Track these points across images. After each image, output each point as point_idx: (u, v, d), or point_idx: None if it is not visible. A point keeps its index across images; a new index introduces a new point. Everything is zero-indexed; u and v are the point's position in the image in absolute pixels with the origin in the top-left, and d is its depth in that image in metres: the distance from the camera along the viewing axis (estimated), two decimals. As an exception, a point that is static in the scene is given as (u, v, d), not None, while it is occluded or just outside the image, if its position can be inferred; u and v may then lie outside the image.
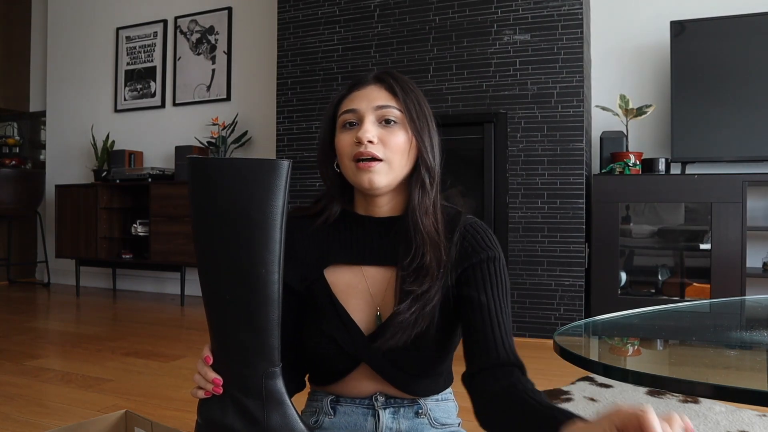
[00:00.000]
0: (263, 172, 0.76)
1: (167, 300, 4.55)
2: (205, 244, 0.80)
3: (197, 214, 0.80)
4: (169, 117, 4.92)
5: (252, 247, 0.77)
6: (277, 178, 0.77)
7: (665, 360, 1.17)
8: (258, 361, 0.81)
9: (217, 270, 0.80)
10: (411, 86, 0.99)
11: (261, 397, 0.81)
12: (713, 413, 1.95)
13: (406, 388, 0.99)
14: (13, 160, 5.54)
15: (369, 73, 1.00)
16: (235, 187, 0.76)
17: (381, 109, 0.95)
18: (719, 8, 3.25)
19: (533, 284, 3.18)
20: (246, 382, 0.82)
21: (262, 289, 0.79)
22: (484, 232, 0.99)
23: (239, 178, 0.76)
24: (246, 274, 0.78)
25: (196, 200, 0.79)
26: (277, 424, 0.82)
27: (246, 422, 0.82)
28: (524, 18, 3.25)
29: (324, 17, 3.74)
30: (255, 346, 0.80)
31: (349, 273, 1.00)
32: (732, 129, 3.09)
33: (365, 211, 1.01)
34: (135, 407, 1.98)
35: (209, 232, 0.79)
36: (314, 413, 1.05)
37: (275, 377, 0.82)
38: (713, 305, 2.11)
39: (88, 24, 5.33)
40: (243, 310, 0.80)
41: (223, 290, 0.80)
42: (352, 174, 0.95)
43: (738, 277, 2.91)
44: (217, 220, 0.78)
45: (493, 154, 3.26)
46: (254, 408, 0.82)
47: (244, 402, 0.82)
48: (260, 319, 0.80)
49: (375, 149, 0.93)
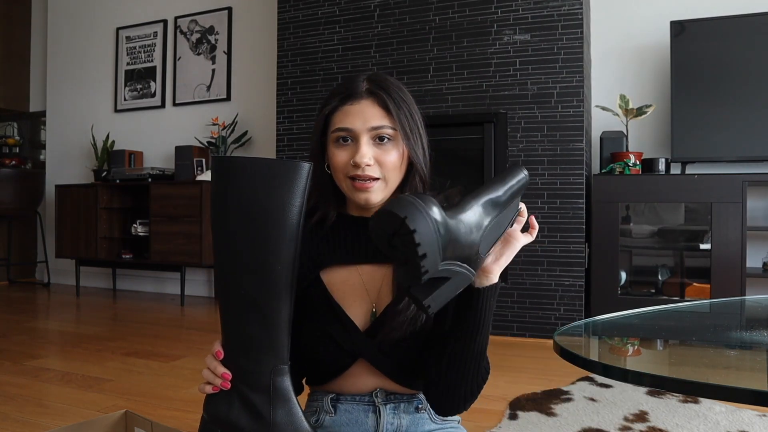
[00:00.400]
0: (285, 173, 0.79)
1: (167, 300, 4.55)
2: (224, 239, 0.82)
3: (219, 209, 0.82)
4: (169, 117, 4.93)
5: (270, 243, 0.80)
6: (298, 179, 0.80)
7: (665, 360, 1.17)
8: (267, 357, 0.82)
9: (233, 264, 0.82)
10: (402, 95, 0.98)
11: (268, 393, 0.83)
12: (713, 413, 1.95)
13: (404, 382, 1.00)
14: (13, 160, 5.54)
15: (359, 82, 0.98)
16: (258, 186, 0.79)
17: (376, 129, 0.96)
18: (719, 8, 3.25)
19: (533, 284, 3.18)
20: (254, 378, 0.83)
21: (276, 286, 0.81)
22: None
23: (262, 177, 0.79)
24: (262, 269, 0.80)
25: (219, 196, 0.82)
26: (282, 421, 0.82)
27: (251, 417, 0.83)
28: (524, 18, 3.25)
29: (324, 17, 3.74)
30: (265, 342, 0.82)
31: (345, 272, 1.02)
32: (732, 129, 3.09)
33: (359, 212, 1.03)
34: (135, 407, 1.98)
35: (229, 227, 0.81)
36: (315, 413, 1.05)
37: (283, 374, 0.83)
38: (713, 305, 2.11)
39: (88, 24, 5.33)
40: (256, 305, 0.81)
41: (239, 284, 0.82)
42: (348, 190, 0.98)
43: (738, 277, 2.91)
44: (237, 215, 0.80)
45: (493, 154, 3.26)
46: (260, 403, 0.83)
47: (250, 397, 0.83)
48: (272, 315, 0.81)
49: (372, 171, 0.95)
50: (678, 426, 1.85)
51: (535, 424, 1.88)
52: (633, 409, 2.00)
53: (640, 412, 1.97)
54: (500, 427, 1.85)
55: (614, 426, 1.85)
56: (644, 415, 1.94)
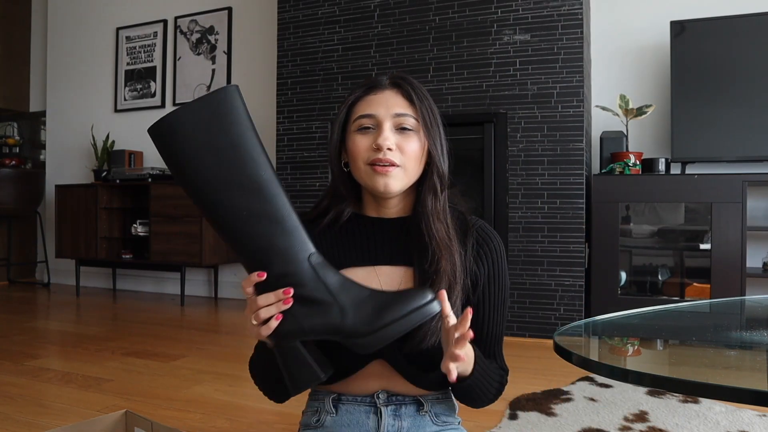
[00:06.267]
0: (218, 103, 0.83)
1: (167, 300, 4.55)
2: (204, 188, 0.83)
3: (185, 167, 0.84)
4: (169, 117, 4.92)
5: (243, 164, 0.83)
6: (233, 101, 0.83)
7: (665, 360, 1.17)
8: (298, 251, 0.84)
9: (223, 200, 0.83)
10: (424, 92, 1.02)
11: (319, 280, 0.84)
12: (713, 413, 1.95)
13: (422, 384, 1.01)
14: (13, 160, 5.54)
15: (383, 76, 1.02)
16: (204, 133, 0.82)
17: (399, 116, 0.97)
18: (719, 8, 3.25)
19: (533, 284, 3.18)
20: (299, 276, 0.83)
21: (268, 188, 0.83)
22: (495, 240, 1.05)
23: (200, 118, 0.82)
24: (249, 185, 0.83)
25: (175, 158, 0.84)
26: (343, 294, 0.84)
27: (320, 311, 0.83)
28: (524, 18, 3.25)
29: (324, 17, 3.74)
30: (288, 239, 0.83)
31: (363, 272, 1.01)
32: (732, 129, 3.09)
33: (376, 213, 1.03)
34: (135, 407, 1.98)
35: (202, 178, 0.83)
36: (315, 412, 1.05)
37: (317, 256, 0.85)
38: (713, 305, 2.11)
39: (88, 24, 5.33)
40: (263, 215, 0.83)
41: (238, 212, 0.83)
42: (366, 177, 0.98)
43: (738, 277, 2.91)
44: (202, 165, 0.83)
45: (493, 154, 3.27)
46: (321, 294, 0.83)
47: (309, 295, 0.83)
48: (279, 213, 0.83)
49: (393, 156, 0.96)
50: (678, 426, 1.85)
51: (535, 424, 1.88)
52: (633, 409, 2.00)
53: (640, 412, 1.97)
54: (500, 427, 1.85)
55: (614, 426, 1.85)
56: (644, 415, 1.94)
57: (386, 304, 0.83)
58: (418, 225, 0.99)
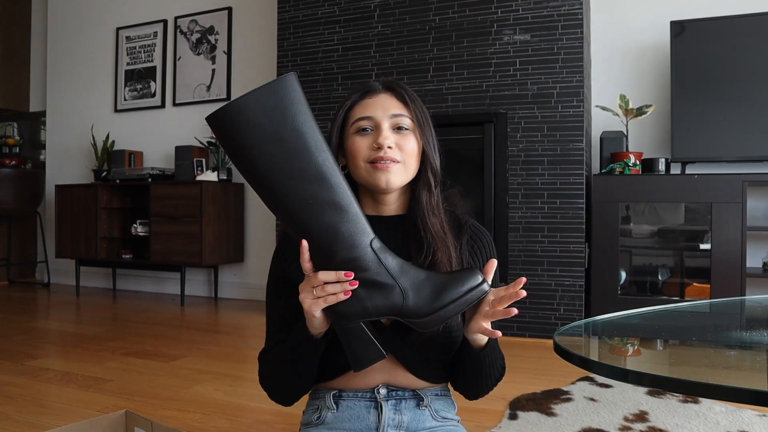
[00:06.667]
0: (284, 91, 0.83)
1: (167, 300, 4.55)
2: (269, 177, 0.85)
3: (249, 156, 0.84)
4: (169, 117, 4.93)
5: (308, 153, 0.84)
6: (293, 89, 0.84)
7: (665, 360, 1.17)
8: (361, 237, 0.87)
9: (289, 189, 0.85)
10: (415, 95, 1.08)
11: (381, 264, 0.87)
12: (713, 413, 1.95)
13: (426, 376, 1.04)
14: (13, 160, 5.54)
15: (376, 82, 1.08)
16: (268, 116, 0.83)
17: (395, 117, 1.03)
18: (719, 8, 3.25)
19: (533, 284, 3.17)
20: (362, 261, 0.87)
21: (332, 176, 0.86)
22: (487, 237, 1.11)
23: (266, 107, 0.83)
24: (315, 174, 0.85)
25: (240, 146, 0.84)
26: (404, 277, 0.88)
27: (383, 294, 0.87)
28: (524, 18, 3.25)
29: (324, 17, 3.74)
30: (351, 226, 0.86)
31: None
32: (732, 129, 3.09)
33: (374, 211, 1.07)
34: (135, 407, 1.98)
35: (268, 167, 0.84)
36: (316, 410, 1.06)
37: (378, 242, 0.88)
38: (713, 305, 2.11)
39: (88, 24, 5.33)
40: (328, 203, 0.85)
41: (304, 201, 0.85)
42: (367, 174, 1.02)
43: (738, 277, 2.91)
44: (265, 155, 0.84)
45: (493, 154, 3.26)
46: (382, 277, 0.87)
47: (372, 279, 0.87)
48: (343, 201, 0.86)
49: (393, 154, 1.01)
50: (678, 426, 1.85)
51: (535, 424, 1.88)
52: (633, 409, 2.00)
53: (640, 412, 1.97)
54: (500, 427, 1.85)
55: (614, 426, 1.85)
56: (644, 415, 1.94)
57: (443, 285, 0.88)
58: (414, 221, 1.03)
